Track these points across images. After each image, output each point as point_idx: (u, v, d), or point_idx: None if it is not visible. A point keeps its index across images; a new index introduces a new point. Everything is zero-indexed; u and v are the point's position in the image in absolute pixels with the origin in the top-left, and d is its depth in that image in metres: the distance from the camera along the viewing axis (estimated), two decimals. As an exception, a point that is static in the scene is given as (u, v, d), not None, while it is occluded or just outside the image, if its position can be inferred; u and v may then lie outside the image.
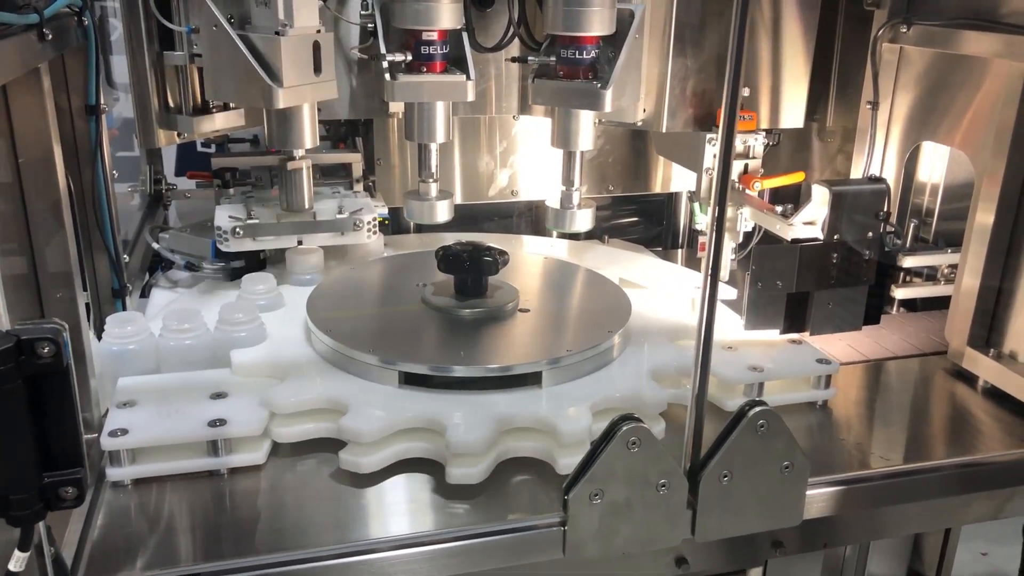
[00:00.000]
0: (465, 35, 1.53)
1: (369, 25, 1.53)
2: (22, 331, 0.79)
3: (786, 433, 1.08)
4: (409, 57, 1.50)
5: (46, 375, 0.81)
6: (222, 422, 1.18)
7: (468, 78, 1.51)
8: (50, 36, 1.10)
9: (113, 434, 1.15)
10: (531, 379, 1.29)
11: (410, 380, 1.27)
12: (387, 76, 1.47)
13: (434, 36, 1.49)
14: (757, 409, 1.05)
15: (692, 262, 2.02)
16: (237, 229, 1.57)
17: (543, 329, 1.44)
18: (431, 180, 1.61)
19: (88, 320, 1.36)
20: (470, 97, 1.52)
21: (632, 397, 1.27)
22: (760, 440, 1.06)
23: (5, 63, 0.94)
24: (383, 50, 1.48)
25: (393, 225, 1.95)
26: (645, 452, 1.03)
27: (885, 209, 1.41)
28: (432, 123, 1.56)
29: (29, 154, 1.14)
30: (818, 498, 1.20)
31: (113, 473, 1.16)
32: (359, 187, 1.85)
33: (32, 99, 1.12)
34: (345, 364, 1.31)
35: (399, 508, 1.14)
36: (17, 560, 0.84)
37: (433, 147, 1.59)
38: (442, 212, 1.63)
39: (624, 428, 1.01)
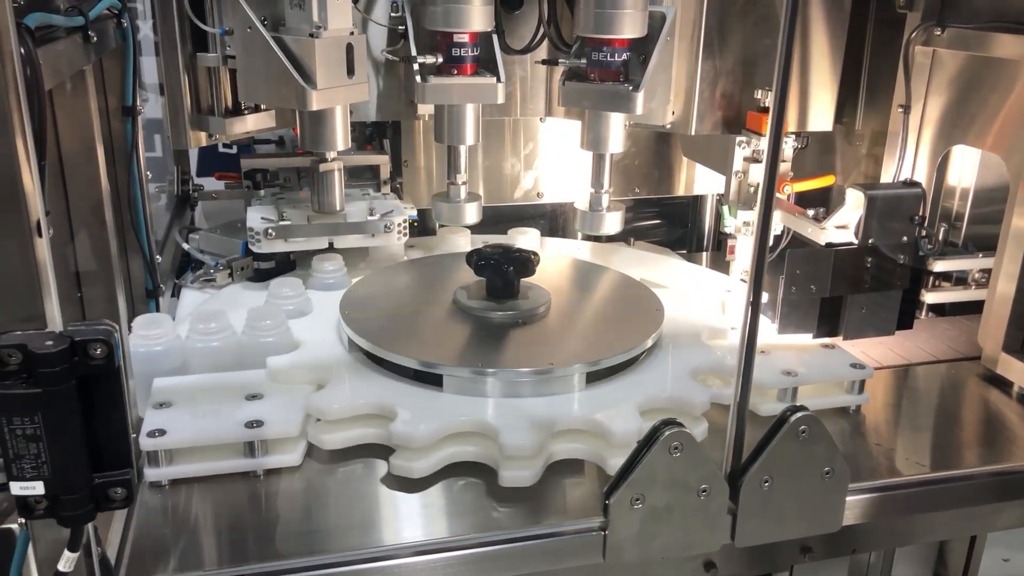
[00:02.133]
0: (495, 37, 1.53)
1: (400, 27, 1.53)
2: (75, 332, 0.79)
3: (827, 439, 1.07)
4: (440, 59, 1.50)
5: (98, 376, 0.81)
6: (259, 423, 1.18)
7: (498, 80, 1.51)
8: (95, 38, 1.10)
9: (151, 435, 1.15)
10: (574, 381, 1.29)
11: (452, 384, 1.27)
12: (418, 78, 1.47)
13: (465, 38, 1.49)
14: (799, 414, 1.04)
15: (717, 265, 2.01)
16: (269, 230, 1.57)
17: (580, 331, 1.43)
18: (460, 182, 1.61)
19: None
20: (500, 99, 1.52)
21: (677, 397, 1.27)
22: (801, 445, 1.06)
23: (57, 66, 0.94)
24: (414, 52, 1.49)
25: (420, 227, 1.95)
26: (687, 457, 1.02)
27: (920, 213, 1.40)
28: (461, 125, 1.56)
29: (72, 155, 1.14)
30: (853, 504, 1.19)
31: (151, 473, 1.16)
32: (386, 189, 1.85)
33: (75, 101, 1.12)
34: (384, 368, 1.31)
35: (437, 511, 1.13)
36: (67, 560, 0.84)
37: (462, 149, 1.59)
38: (471, 214, 1.63)
39: (666, 433, 1.01)
